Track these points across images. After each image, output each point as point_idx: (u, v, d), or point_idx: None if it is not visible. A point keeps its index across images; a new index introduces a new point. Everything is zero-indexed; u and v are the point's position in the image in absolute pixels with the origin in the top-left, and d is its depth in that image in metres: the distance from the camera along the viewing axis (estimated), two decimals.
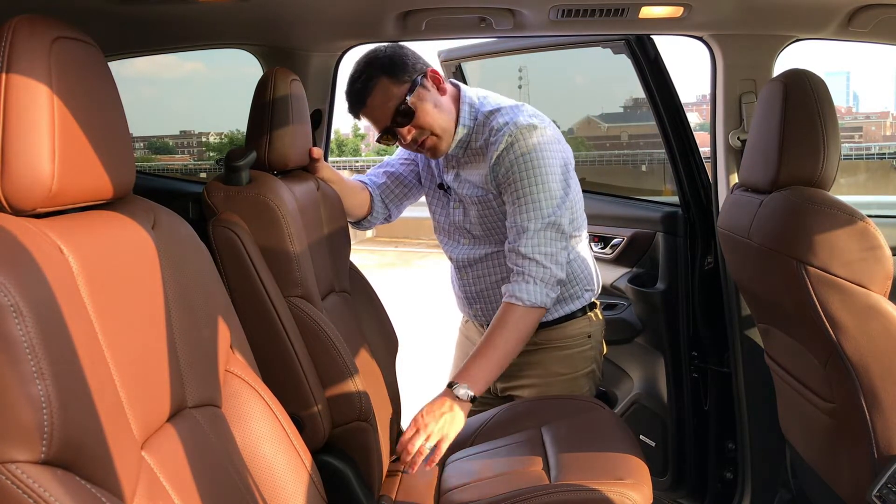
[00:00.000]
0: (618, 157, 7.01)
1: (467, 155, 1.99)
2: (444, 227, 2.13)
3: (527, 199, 1.87)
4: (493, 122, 1.93)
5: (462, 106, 1.96)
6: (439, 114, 1.92)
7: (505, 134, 1.89)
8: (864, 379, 1.44)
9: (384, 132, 1.93)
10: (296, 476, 1.26)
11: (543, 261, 1.84)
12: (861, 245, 1.45)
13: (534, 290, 1.82)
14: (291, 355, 1.54)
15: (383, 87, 1.85)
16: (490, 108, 1.96)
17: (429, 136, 1.92)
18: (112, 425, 0.83)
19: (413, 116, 1.88)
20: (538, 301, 1.82)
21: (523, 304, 1.82)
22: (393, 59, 1.86)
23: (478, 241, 2.05)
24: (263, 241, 1.56)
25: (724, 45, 2.12)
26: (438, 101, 1.92)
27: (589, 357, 2.09)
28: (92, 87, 0.95)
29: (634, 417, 2.57)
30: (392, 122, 1.89)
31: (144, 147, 16.62)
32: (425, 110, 1.89)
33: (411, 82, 1.86)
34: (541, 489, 1.58)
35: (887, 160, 18.76)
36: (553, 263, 1.85)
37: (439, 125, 1.92)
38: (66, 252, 0.86)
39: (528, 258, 1.84)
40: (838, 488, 1.59)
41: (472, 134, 1.96)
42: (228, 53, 2.15)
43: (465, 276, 2.09)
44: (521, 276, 1.84)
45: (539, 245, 1.85)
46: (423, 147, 1.95)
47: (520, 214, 1.87)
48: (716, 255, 2.32)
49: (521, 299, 1.82)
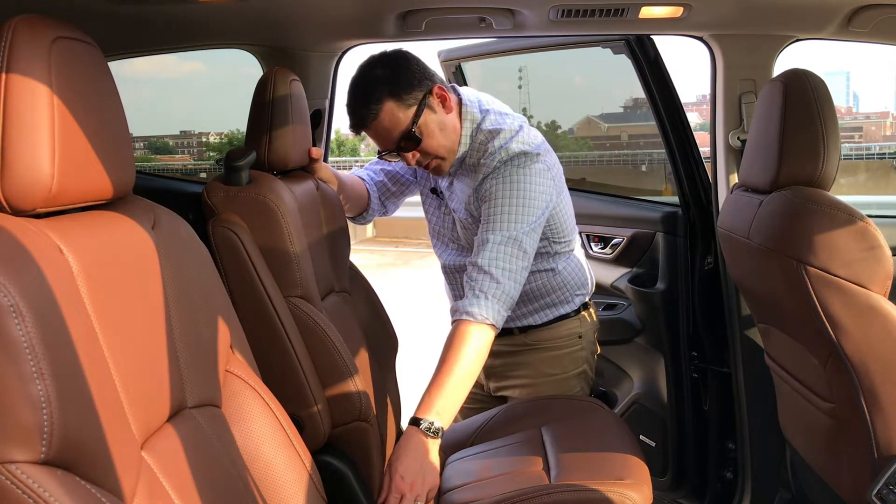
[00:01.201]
0: (618, 157, 7.01)
1: (463, 170, 1.94)
2: (436, 230, 2.12)
3: (496, 216, 1.77)
4: (488, 144, 1.87)
5: (464, 123, 1.89)
6: (444, 137, 1.85)
7: (496, 160, 1.83)
8: (864, 379, 1.44)
9: (388, 153, 1.87)
10: (296, 476, 1.26)
11: (499, 276, 1.71)
12: (861, 245, 1.45)
13: (485, 304, 1.68)
14: (291, 355, 1.54)
15: (389, 111, 1.78)
16: (490, 128, 1.88)
17: (433, 159, 1.88)
18: (112, 425, 0.83)
19: (419, 143, 1.82)
20: (489, 318, 1.67)
21: (474, 320, 1.66)
22: (398, 75, 1.78)
23: (464, 250, 2.04)
24: (263, 241, 1.56)
25: (724, 45, 2.12)
26: (444, 123, 1.85)
27: (580, 358, 2.08)
28: (92, 87, 0.95)
29: (634, 417, 2.57)
30: (396, 147, 1.83)
31: (144, 147, 16.61)
32: (431, 134, 1.83)
33: (417, 105, 1.79)
34: (541, 489, 1.58)
35: (887, 160, 18.76)
36: (509, 280, 1.72)
37: (444, 148, 1.86)
38: (66, 252, 0.86)
39: (484, 271, 1.71)
40: (838, 488, 1.59)
41: (469, 152, 1.90)
42: (228, 53, 2.15)
43: (454, 281, 2.09)
44: (472, 290, 1.71)
45: (497, 259, 1.73)
46: (427, 168, 1.91)
47: (486, 229, 1.78)
48: (716, 255, 2.31)
49: (471, 314, 1.67)
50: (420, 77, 1.81)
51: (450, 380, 1.60)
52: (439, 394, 1.59)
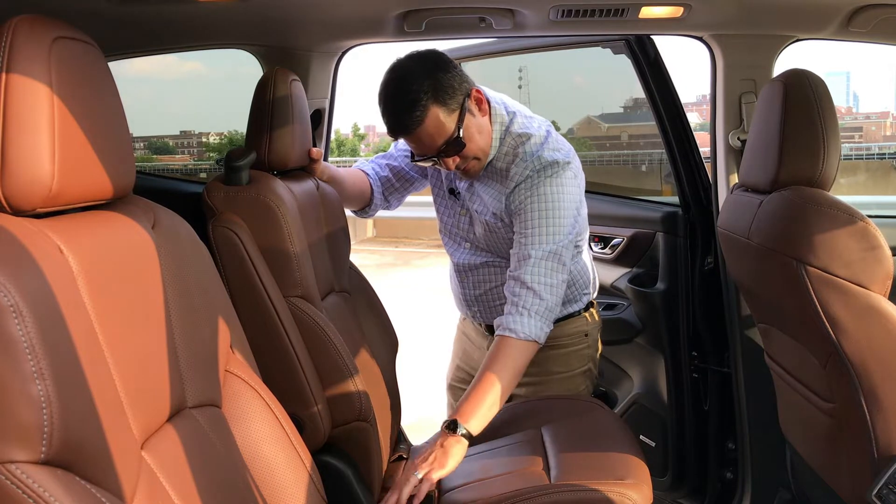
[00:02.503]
0: (618, 157, 7.01)
1: (488, 172, 1.94)
2: (449, 230, 2.12)
3: (534, 230, 1.82)
4: (519, 149, 1.89)
5: (494, 125, 1.90)
6: (482, 139, 1.87)
7: (528, 168, 1.85)
8: (864, 379, 1.44)
9: (426, 158, 1.85)
10: (296, 476, 1.26)
11: (542, 292, 1.77)
12: (861, 245, 1.45)
13: (528, 322, 1.75)
14: (291, 355, 1.54)
15: (434, 117, 1.76)
16: (519, 131, 1.90)
17: (471, 160, 1.88)
18: (112, 425, 0.83)
19: (463, 147, 1.82)
20: (532, 335, 1.74)
21: (517, 337, 1.73)
22: (441, 83, 1.76)
23: (480, 249, 2.05)
24: (263, 241, 1.56)
25: (724, 45, 2.12)
26: (481, 126, 1.86)
27: (585, 356, 2.09)
28: (92, 87, 0.95)
29: (634, 417, 2.57)
30: (439, 153, 1.82)
31: (144, 147, 16.60)
32: (472, 138, 1.83)
33: (459, 109, 1.79)
34: (541, 489, 1.58)
35: (887, 160, 18.76)
36: (551, 295, 1.78)
37: (482, 150, 1.87)
38: (66, 252, 0.86)
39: (528, 287, 1.77)
40: (838, 488, 1.59)
41: (497, 154, 1.91)
42: (228, 53, 2.15)
43: (465, 279, 2.09)
44: (517, 307, 1.76)
45: (540, 275, 1.78)
46: (462, 170, 1.90)
47: (525, 244, 1.81)
48: (716, 255, 2.32)
49: (515, 332, 1.74)
50: (460, 80, 1.80)
51: (490, 394, 1.68)
52: (480, 404, 1.67)
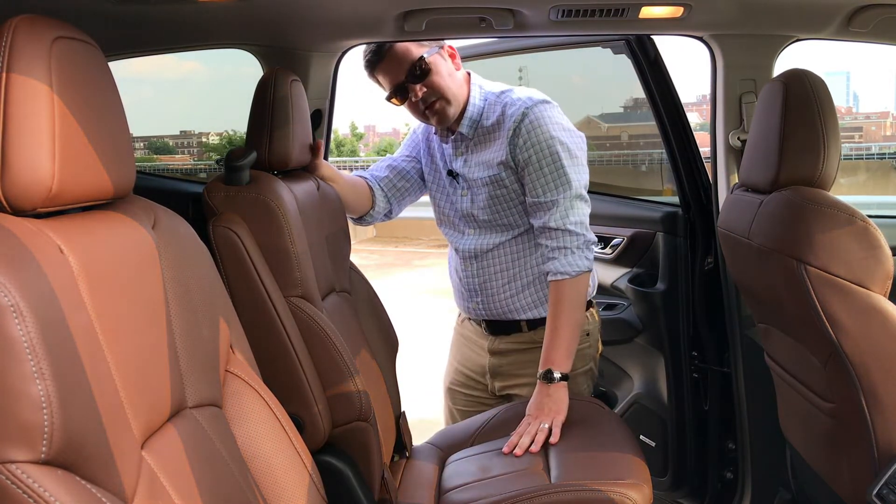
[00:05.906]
0: (618, 157, 7.00)
1: (478, 135, 2.04)
2: (450, 218, 2.14)
3: (554, 174, 1.95)
4: (505, 98, 2.02)
5: (472, 87, 2.04)
6: (452, 81, 2.00)
7: (521, 109, 1.97)
8: (864, 379, 1.44)
9: (396, 89, 1.99)
10: (296, 476, 1.26)
11: (576, 229, 1.94)
12: (861, 245, 1.45)
13: (573, 259, 1.93)
14: (291, 355, 1.54)
15: (404, 44, 1.96)
16: (500, 90, 2.05)
17: (439, 98, 1.99)
18: (112, 425, 0.83)
19: (428, 74, 1.96)
20: (582, 267, 1.93)
21: (570, 276, 1.92)
22: None
23: (483, 231, 2.07)
24: (263, 240, 1.56)
25: (724, 45, 2.12)
26: (452, 72, 2.01)
27: (587, 355, 2.09)
28: (92, 87, 0.95)
29: (634, 417, 2.57)
30: (406, 78, 1.96)
31: (144, 147, 16.62)
32: (440, 72, 1.98)
33: (430, 47, 1.98)
34: (541, 489, 1.58)
35: (887, 160, 18.77)
36: (585, 230, 1.96)
37: (451, 91, 1.99)
38: (66, 252, 0.86)
39: (562, 230, 1.94)
40: (838, 488, 1.59)
41: (484, 111, 2.03)
42: (228, 53, 2.15)
43: (469, 266, 2.10)
44: (559, 250, 1.94)
45: (570, 216, 1.94)
46: (432, 110, 2.00)
47: (549, 190, 1.95)
48: (716, 255, 2.31)
49: (566, 273, 1.92)
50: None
51: (560, 333, 1.90)
52: (554, 347, 1.90)
